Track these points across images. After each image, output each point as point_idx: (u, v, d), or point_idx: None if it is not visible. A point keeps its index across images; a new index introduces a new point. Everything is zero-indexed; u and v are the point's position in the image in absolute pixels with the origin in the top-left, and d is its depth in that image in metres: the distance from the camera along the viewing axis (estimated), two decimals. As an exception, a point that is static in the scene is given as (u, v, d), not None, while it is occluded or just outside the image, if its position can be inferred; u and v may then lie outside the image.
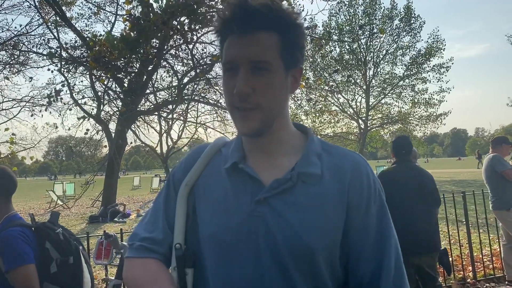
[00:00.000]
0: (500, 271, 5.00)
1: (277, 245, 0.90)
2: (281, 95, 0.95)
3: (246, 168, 0.97)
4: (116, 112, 12.82)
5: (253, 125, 0.93)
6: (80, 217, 14.43)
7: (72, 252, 2.07)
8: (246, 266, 0.91)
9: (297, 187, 0.94)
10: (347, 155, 1.01)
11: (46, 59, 12.43)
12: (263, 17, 0.89)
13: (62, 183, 25.37)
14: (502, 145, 4.96)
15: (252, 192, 0.94)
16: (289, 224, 0.90)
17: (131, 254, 1.02)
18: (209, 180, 1.02)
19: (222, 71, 0.96)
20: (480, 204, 5.34)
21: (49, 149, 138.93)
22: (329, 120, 29.53)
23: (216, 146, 1.08)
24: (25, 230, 1.96)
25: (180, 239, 0.99)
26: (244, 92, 0.89)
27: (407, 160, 3.70)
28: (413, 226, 3.31)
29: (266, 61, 0.90)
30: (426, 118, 28.54)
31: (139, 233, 1.04)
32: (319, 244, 0.91)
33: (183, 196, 1.02)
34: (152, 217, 1.06)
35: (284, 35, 0.92)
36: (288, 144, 1.02)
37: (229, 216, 0.94)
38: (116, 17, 14.39)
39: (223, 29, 0.94)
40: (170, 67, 12.24)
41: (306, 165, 0.96)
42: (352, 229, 0.95)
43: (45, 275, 1.94)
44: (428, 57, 27.47)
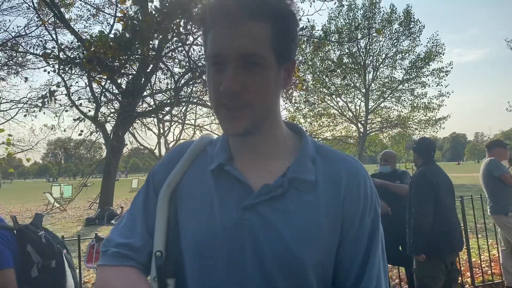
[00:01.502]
0: (498, 277, 4.94)
1: (265, 257, 0.82)
2: (273, 91, 0.85)
3: (232, 171, 0.88)
4: (113, 113, 12.78)
5: (241, 126, 0.83)
6: (77, 219, 14.36)
7: (55, 256, 2.00)
8: (231, 278, 0.83)
9: (288, 194, 0.85)
10: (343, 161, 0.92)
11: (43, 60, 12.40)
12: (252, 4, 0.79)
13: (59, 185, 25.28)
14: (495, 149, 4.91)
15: (239, 197, 0.86)
16: (279, 235, 0.82)
17: (105, 261, 0.91)
18: (193, 181, 0.92)
19: (207, 65, 0.85)
20: (478, 209, 5.28)
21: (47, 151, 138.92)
22: (328, 124, 29.53)
23: (200, 144, 0.97)
24: (5, 232, 1.90)
25: (161, 246, 0.90)
26: (233, 90, 0.79)
27: (434, 161, 3.79)
28: (454, 225, 3.50)
29: (257, 54, 0.80)
30: (425, 122, 28.58)
31: (114, 238, 0.93)
32: (311, 258, 0.83)
33: (164, 198, 0.92)
34: (129, 221, 0.95)
35: (275, 25, 0.81)
36: (279, 145, 0.93)
37: (213, 223, 0.85)
38: (115, 18, 14.36)
39: (208, 19, 0.84)
40: (167, 69, 12.21)
41: (299, 170, 0.87)
42: (345, 242, 0.88)
43: (25, 279, 1.87)
44: (427, 61, 27.53)
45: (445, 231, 3.40)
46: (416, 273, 3.54)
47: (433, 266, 3.44)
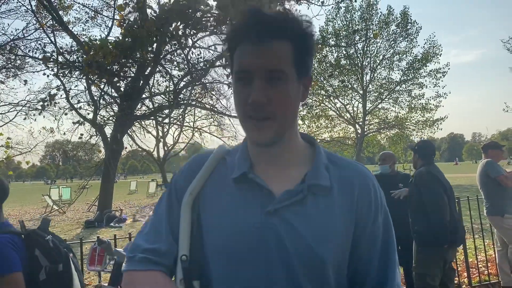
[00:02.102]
0: (495, 277, 4.99)
1: (289, 257, 0.89)
2: (293, 104, 0.95)
3: (256, 179, 0.95)
4: (112, 116, 12.81)
5: (267, 136, 0.91)
6: (76, 222, 14.35)
7: (62, 260, 2.05)
8: (257, 278, 0.90)
9: (307, 199, 0.93)
10: (354, 167, 1.02)
11: (42, 63, 12.42)
12: (278, 26, 0.88)
13: (58, 187, 25.24)
14: (490, 151, 4.98)
15: (262, 203, 0.93)
16: (301, 236, 0.90)
17: (133, 267, 0.96)
18: (215, 189, 0.99)
19: (234, 80, 0.94)
20: (475, 209, 5.34)
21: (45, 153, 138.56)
22: (326, 125, 29.61)
23: (219, 154, 1.05)
24: (14, 237, 1.95)
25: (186, 250, 0.96)
26: (260, 102, 0.88)
27: (434, 163, 3.95)
28: (458, 219, 3.73)
29: (281, 70, 0.89)
30: (422, 123, 28.67)
31: (140, 244, 0.98)
32: (330, 256, 0.91)
33: (187, 205, 0.98)
34: (154, 227, 1.01)
35: (297, 44, 0.91)
36: (296, 154, 1.01)
37: (238, 227, 0.92)
38: (113, 21, 14.41)
39: (235, 37, 0.93)
40: (165, 72, 12.26)
41: (316, 177, 0.95)
42: (361, 242, 0.97)
43: (34, 282, 1.92)
44: (424, 62, 27.63)
45: (453, 224, 3.58)
46: (416, 271, 3.62)
47: (433, 264, 3.55)
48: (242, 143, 1.06)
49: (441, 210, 3.54)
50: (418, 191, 3.70)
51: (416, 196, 3.72)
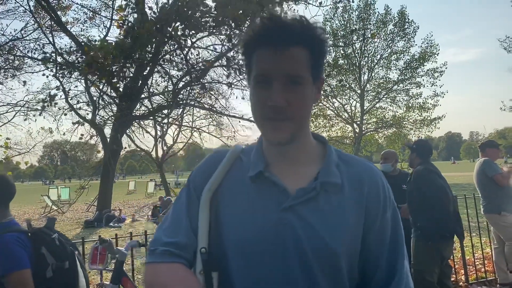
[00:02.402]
0: (492, 274, 5.05)
1: (304, 250, 0.95)
2: (309, 106, 1.01)
3: (272, 177, 1.01)
4: (111, 117, 12.82)
5: (285, 135, 0.97)
6: (75, 222, 14.37)
7: (68, 257, 2.10)
8: (274, 270, 0.95)
9: (320, 196, 0.99)
10: (364, 165, 1.08)
11: (41, 64, 12.42)
12: (296, 32, 0.93)
13: (57, 187, 25.23)
14: (486, 150, 5.03)
15: (278, 200, 0.98)
16: (315, 230, 0.96)
17: (155, 259, 1.00)
18: (232, 186, 1.05)
19: (253, 83, 0.99)
20: (472, 207, 5.40)
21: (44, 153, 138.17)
22: (324, 124, 29.66)
23: (235, 153, 1.10)
24: (21, 235, 2.00)
25: (205, 243, 1.01)
26: (280, 105, 0.93)
27: (430, 161, 4.03)
28: (457, 213, 3.78)
29: (300, 75, 0.95)
30: (420, 122, 28.72)
31: (161, 238, 1.03)
32: (342, 249, 0.96)
33: (206, 201, 1.04)
34: (173, 222, 1.06)
35: (313, 50, 0.96)
36: (309, 153, 1.07)
37: (256, 223, 0.97)
38: (111, 22, 14.43)
39: (253, 42, 0.97)
40: (164, 72, 12.27)
41: (328, 175, 1.01)
42: (371, 235, 1.02)
43: (41, 279, 1.96)
44: (422, 61, 27.69)
45: (455, 215, 3.70)
46: (414, 267, 3.66)
47: (431, 260, 3.61)
48: (256, 143, 1.11)
49: (445, 202, 3.62)
50: (418, 188, 3.75)
51: (416, 192, 3.76)
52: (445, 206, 3.62)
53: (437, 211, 3.61)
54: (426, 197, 3.66)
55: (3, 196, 2.13)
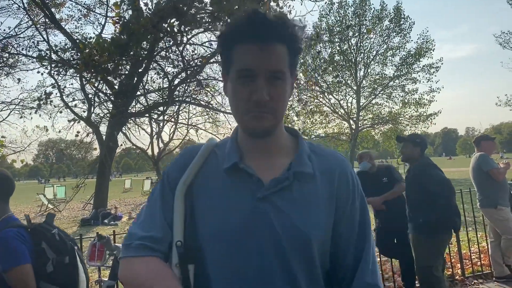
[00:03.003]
0: (488, 268, 5.08)
1: (279, 239, 0.97)
2: (287, 101, 1.05)
3: (246, 168, 1.02)
4: (106, 114, 12.77)
5: (266, 124, 0.99)
6: (71, 220, 14.34)
7: (68, 252, 2.10)
8: (250, 260, 0.97)
9: (293, 185, 1.02)
10: (333, 156, 1.12)
11: (36, 62, 12.34)
12: (279, 29, 0.96)
13: (52, 186, 25.15)
14: (481, 143, 5.06)
15: (253, 191, 1.00)
16: (289, 219, 0.98)
17: (130, 253, 1.02)
18: (207, 179, 1.06)
19: (234, 77, 1.00)
20: (468, 202, 5.43)
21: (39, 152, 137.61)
22: (321, 121, 29.68)
23: (210, 147, 1.12)
24: (21, 230, 2.00)
25: (180, 236, 1.02)
26: (264, 100, 0.95)
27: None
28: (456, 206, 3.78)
29: (282, 71, 0.98)
30: (416, 118, 28.83)
31: (136, 232, 1.04)
32: (315, 235, 1.00)
33: (181, 194, 1.05)
34: (148, 216, 1.07)
35: (291, 47, 1.00)
36: (282, 145, 1.10)
37: (232, 214, 0.99)
38: (106, 19, 14.34)
39: (235, 36, 0.98)
40: (160, 69, 12.23)
41: (300, 165, 1.04)
42: (341, 223, 1.06)
43: (41, 274, 1.97)
44: (418, 57, 27.76)
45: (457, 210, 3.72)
46: (420, 264, 3.65)
47: (437, 255, 3.63)
48: (230, 137, 1.13)
49: (450, 195, 3.61)
50: (420, 183, 3.72)
51: (418, 187, 3.72)
52: (450, 200, 3.62)
53: (442, 205, 3.59)
54: (431, 191, 3.62)
55: (3, 192, 2.13)
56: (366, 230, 1.09)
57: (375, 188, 4.47)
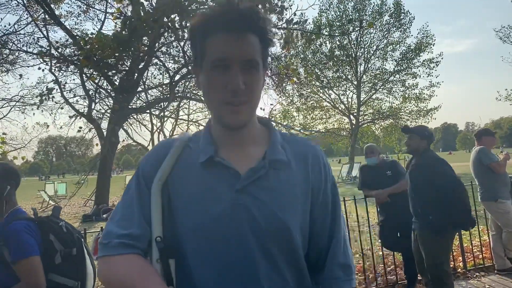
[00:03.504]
0: (489, 261, 5.10)
1: (259, 226, 0.98)
2: (261, 91, 1.06)
3: (222, 161, 1.03)
4: (107, 110, 12.77)
5: (243, 119, 1.00)
6: (73, 216, 14.38)
7: (75, 244, 2.13)
8: (231, 249, 0.97)
9: (269, 174, 1.03)
10: (306, 143, 1.15)
11: (37, 58, 12.32)
12: (253, 20, 0.97)
13: (53, 183, 25.19)
14: (482, 138, 5.07)
15: (230, 183, 1.01)
16: (267, 205, 1.00)
17: (109, 252, 1.00)
18: (183, 174, 1.05)
19: (209, 67, 0.99)
20: (469, 196, 5.44)
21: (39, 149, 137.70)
22: (321, 116, 29.70)
23: (183, 141, 1.12)
24: (29, 223, 2.02)
25: (159, 232, 1.01)
26: (239, 88, 0.96)
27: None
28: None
29: (255, 60, 0.99)
30: (416, 113, 28.85)
31: (113, 231, 1.02)
32: (293, 221, 1.02)
33: (157, 190, 1.04)
34: (125, 214, 1.04)
35: (262, 38, 1.01)
36: (256, 136, 1.11)
37: (211, 207, 0.99)
38: (105, 15, 14.29)
39: (209, 26, 0.98)
40: (161, 65, 12.21)
41: (274, 153, 1.06)
42: (315, 207, 1.10)
43: (50, 266, 1.99)
44: (418, 52, 27.74)
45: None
46: (431, 262, 3.57)
47: (448, 250, 3.60)
48: (204, 129, 1.13)
49: (465, 195, 3.53)
50: (428, 179, 3.60)
51: (426, 183, 3.62)
52: (464, 200, 3.52)
53: (455, 204, 3.52)
54: (442, 189, 3.51)
55: (15, 184, 2.16)
56: (336, 212, 1.13)
57: (378, 181, 4.49)
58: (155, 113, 14.12)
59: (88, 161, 14.76)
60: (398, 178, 4.44)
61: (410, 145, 3.85)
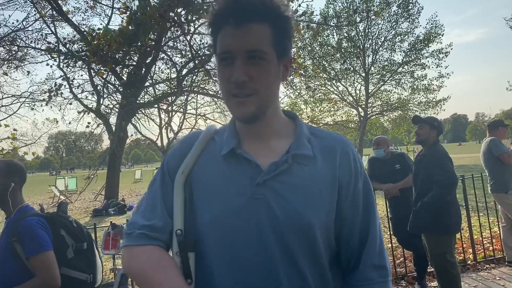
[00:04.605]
0: (499, 253, 5.08)
1: (278, 222, 0.96)
2: (274, 82, 1.01)
3: (244, 154, 1.01)
4: (115, 105, 12.84)
5: (249, 110, 0.98)
6: (83, 211, 14.56)
7: (86, 239, 2.16)
8: (250, 244, 0.96)
9: (292, 169, 1.00)
10: (334, 138, 1.10)
11: (45, 54, 12.40)
12: (256, 9, 0.94)
13: (64, 178, 25.50)
14: (498, 128, 5.02)
15: (251, 176, 0.99)
16: (288, 202, 0.97)
17: (132, 242, 1.02)
18: (206, 167, 1.06)
19: (217, 61, 1.00)
20: (479, 188, 5.41)
21: (49, 144, 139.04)
22: (329, 109, 29.53)
23: (208, 134, 1.11)
24: (41, 219, 2.05)
25: (180, 225, 1.02)
26: (241, 80, 0.94)
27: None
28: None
29: (261, 50, 0.95)
30: (425, 104, 28.54)
31: (137, 221, 1.04)
32: (315, 219, 0.98)
33: (180, 183, 1.05)
34: (149, 205, 1.07)
35: (275, 26, 0.97)
36: (279, 129, 1.08)
37: (230, 200, 0.98)
38: (112, 10, 14.30)
39: (217, 21, 0.98)
40: (168, 59, 12.22)
41: (299, 147, 1.03)
42: (344, 206, 1.04)
43: (62, 260, 2.03)
44: (427, 43, 27.38)
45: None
46: (435, 252, 3.62)
47: (451, 242, 3.61)
48: (230, 122, 1.13)
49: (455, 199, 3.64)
50: (429, 173, 3.63)
51: (426, 176, 3.65)
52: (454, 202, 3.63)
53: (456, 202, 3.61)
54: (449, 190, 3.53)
55: (23, 181, 2.19)
56: (370, 212, 1.07)
57: (387, 174, 4.46)
58: (163, 107, 14.17)
59: (97, 156, 14.84)
60: (407, 171, 4.41)
61: (420, 135, 3.85)
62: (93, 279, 2.13)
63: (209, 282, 0.99)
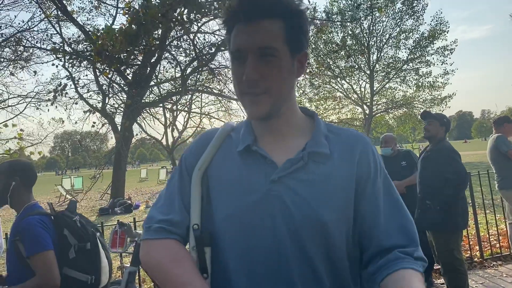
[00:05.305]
0: (506, 250, 5.05)
1: (293, 219, 0.95)
2: (288, 79, 0.99)
3: (259, 150, 1.02)
4: (121, 105, 12.89)
5: (262, 109, 0.97)
6: (90, 210, 14.62)
7: (89, 238, 2.16)
8: (264, 241, 0.96)
9: (308, 166, 0.99)
10: (353, 135, 1.09)
11: (50, 54, 12.47)
12: (268, 5, 0.93)
13: (70, 177, 25.64)
14: (504, 125, 4.99)
15: (267, 172, 0.99)
16: (303, 199, 0.96)
17: (149, 236, 1.04)
18: (222, 163, 1.06)
19: (231, 59, 1.00)
20: (486, 185, 5.38)
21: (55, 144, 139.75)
22: (334, 107, 29.47)
23: (225, 131, 1.12)
24: (43, 218, 2.06)
25: (197, 220, 1.04)
26: (253, 78, 0.94)
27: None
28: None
29: (272, 47, 0.94)
30: (430, 101, 28.40)
31: (155, 216, 1.06)
32: (330, 216, 0.97)
33: (197, 179, 1.06)
34: (167, 200, 1.08)
35: (288, 22, 0.95)
36: (296, 126, 1.07)
37: (245, 196, 0.98)
38: (117, 10, 14.36)
39: (230, 19, 0.98)
40: (173, 58, 12.25)
41: (315, 145, 1.02)
42: (363, 202, 1.02)
43: (64, 260, 2.03)
44: (431, 40, 27.22)
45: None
46: (442, 249, 3.60)
47: (458, 239, 3.61)
48: (246, 119, 1.12)
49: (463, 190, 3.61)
50: (438, 169, 3.61)
51: (435, 173, 3.62)
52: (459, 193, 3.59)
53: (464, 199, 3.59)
54: (448, 184, 3.52)
55: (28, 180, 2.20)
56: (398, 208, 1.04)
57: (393, 171, 4.46)
58: (167, 106, 14.21)
59: (103, 156, 14.91)
60: (413, 168, 4.41)
61: (430, 131, 3.82)
62: (95, 280, 2.13)
63: (224, 277, 1.00)
